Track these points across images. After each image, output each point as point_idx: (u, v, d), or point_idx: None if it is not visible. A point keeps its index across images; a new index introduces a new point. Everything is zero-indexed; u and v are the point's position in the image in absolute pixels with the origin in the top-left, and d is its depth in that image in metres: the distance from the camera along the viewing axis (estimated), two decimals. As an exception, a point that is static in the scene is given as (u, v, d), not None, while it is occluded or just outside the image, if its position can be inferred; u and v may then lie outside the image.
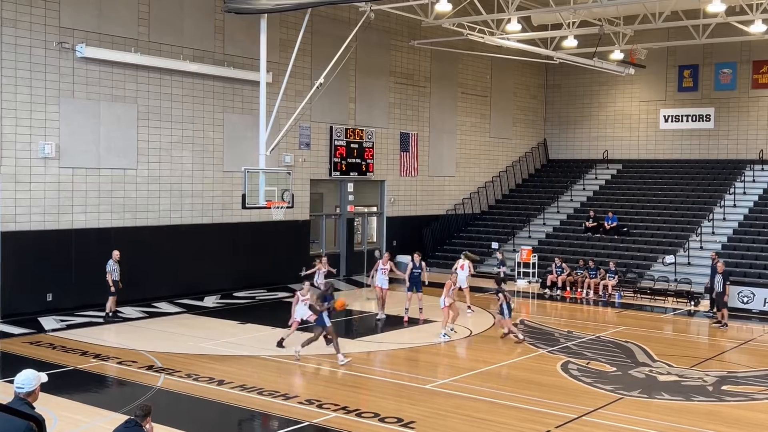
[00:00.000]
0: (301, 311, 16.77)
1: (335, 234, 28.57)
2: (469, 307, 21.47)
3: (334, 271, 22.66)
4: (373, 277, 20.75)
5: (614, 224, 29.60)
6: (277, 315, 20.97)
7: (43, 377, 6.39)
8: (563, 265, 25.54)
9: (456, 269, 21.60)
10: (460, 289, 20.71)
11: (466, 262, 22.24)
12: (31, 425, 5.76)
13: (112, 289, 19.05)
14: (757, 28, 25.89)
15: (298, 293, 17.09)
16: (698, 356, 17.00)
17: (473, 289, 22.99)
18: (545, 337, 18.47)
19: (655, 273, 25.96)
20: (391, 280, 21.31)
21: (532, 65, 35.22)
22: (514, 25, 26.19)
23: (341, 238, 28.37)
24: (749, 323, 21.25)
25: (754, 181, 30.73)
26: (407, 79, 30.32)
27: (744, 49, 32.32)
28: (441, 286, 18.78)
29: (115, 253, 19.22)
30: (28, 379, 6.25)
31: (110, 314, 19.23)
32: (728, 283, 20.48)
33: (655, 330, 19.93)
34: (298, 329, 16.93)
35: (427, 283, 20.63)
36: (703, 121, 33.79)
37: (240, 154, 23.64)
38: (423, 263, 20.91)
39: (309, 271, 20.95)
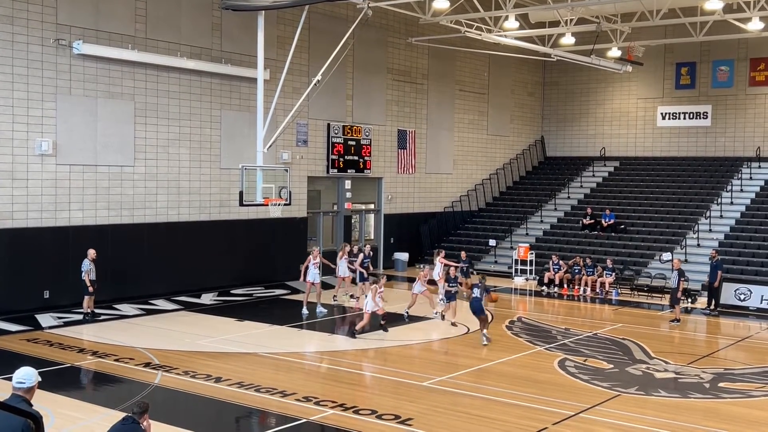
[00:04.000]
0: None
1: (333, 231, 28.56)
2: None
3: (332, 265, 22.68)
4: (307, 271, 20.70)
5: (611, 221, 29.63)
6: (274, 312, 21.03)
7: (38, 376, 6.42)
8: (560, 262, 25.56)
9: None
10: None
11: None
12: (29, 423, 5.75)
13: (90, 289, 18.72)
14: (754, 25, 25.90)
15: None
16: (695, 353, 17.04)
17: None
18: (542, 335, 18.50)
19: (652, 270, 25.98)
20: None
21: (529, 62, 35.24)
22: (511, 23, 26.18)
23: (338, 236, 28.36)
24: (746, 320, 21.29)
25: (751, 178, 30.76)
26: (405, 76, 30.31)
27: (741, 46, 32.34)
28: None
29: (91, 252, 18.87)
30: (29, 375, 6.26)
31: (89, 314, 18.94)
32: (683, 279, 20.64)
33: (652, 327, 19.95)
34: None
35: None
36: (700, 118, 33.82)
37: (237, 151, 23.62)
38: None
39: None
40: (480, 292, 17.36)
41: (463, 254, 24.81)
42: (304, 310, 20.57)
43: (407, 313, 20.02)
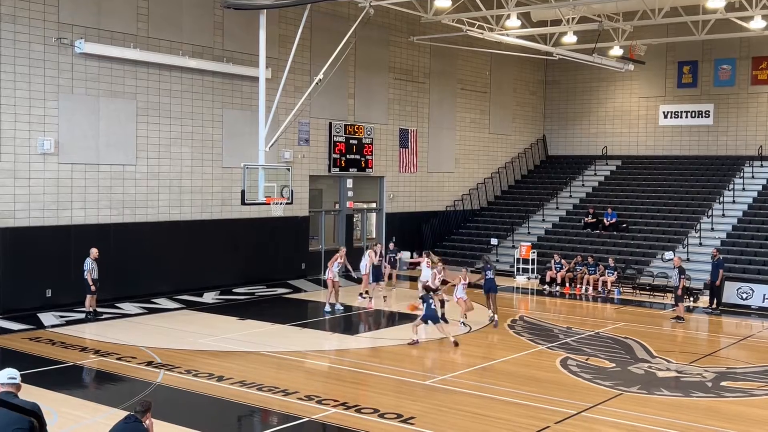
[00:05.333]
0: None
1: (334, 230, 28.56)
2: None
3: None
4: (330, 269, 21.00)
5: (613, 220, 29.61)
6: (276, 311, 21.04)
7: None
8: (562, 261, 25.55)
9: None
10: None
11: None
12: (33, 421, 5.78)
13: (92, 287, 18.74)
14: (756, 24, 25.87)
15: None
16: (697, 352, 17.03)
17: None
18: (544, 333, 18.49)
19: (654, 269, 25.97)
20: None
21: (531, 61, 35.22)
22: (513, 21, 26.14)
23: (340, 234, 28.37)
24: (748, 319, 21.27)
25: (753, 177, 30.73)
26: (406, 75, 30.29)
27: (743, 45, 32.31)
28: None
29: (94, 251, 18.89)
30: (16, 371, 6.59)
31: (91, 313, 18.96)
32: (684, 277, 20.63)
33: (654, 326, 19.95)
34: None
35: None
36: (702, 117, 33.79)
37: (239, 150, 23.62)
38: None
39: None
40: (492, 272, 19.18)
41: (392, 244, 25.96)
42: (328, 308, 20.63)
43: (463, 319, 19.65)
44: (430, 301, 17.32)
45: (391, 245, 26.17)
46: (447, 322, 18.61)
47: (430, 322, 17.08)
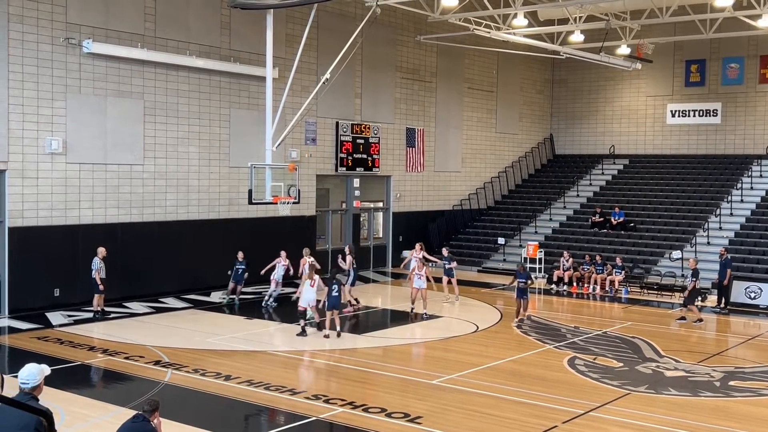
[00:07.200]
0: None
1: (341, 229, 28.58)
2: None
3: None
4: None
5: (621, 219, 29.55)
6: (283, 310, 21.06)
7: (47, 370, 6.33)
8: (570, 260, 25.49)
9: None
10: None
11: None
12: (42, 420, 5.77)
13: (100, 287, 18.79)
14: (764, 22, 25.73)
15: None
16: (705, 352, 16.97)
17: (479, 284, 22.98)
18: (552, 333, 18.47)
19: (662, 268, 25.90)
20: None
21: (538, 60, 35.16)
22: (520, 20, 26.10)
23: (347, 234, 28.38)
24: (756, 318, 21.20)
25: (761, 176, 30.62)
26: (413, 74, 30.28)
27: (751, 43, 32.20)
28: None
29: (101, 250, 18.94)
30: (32, 374, 6.23)
31: (99, 312, 19.01)
32: (696, 279, 20.43)
33: (661, 325, 19.90)
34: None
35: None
36: (710, 116, 33.69)
37: (246, 149, 23.64)
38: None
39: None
40: (526, 277, 19.55)
41: (445, 251, 23.42)
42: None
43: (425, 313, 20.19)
44: (334, 286, 17.41)
45: (445, 251, 23.25)
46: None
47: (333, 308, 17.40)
